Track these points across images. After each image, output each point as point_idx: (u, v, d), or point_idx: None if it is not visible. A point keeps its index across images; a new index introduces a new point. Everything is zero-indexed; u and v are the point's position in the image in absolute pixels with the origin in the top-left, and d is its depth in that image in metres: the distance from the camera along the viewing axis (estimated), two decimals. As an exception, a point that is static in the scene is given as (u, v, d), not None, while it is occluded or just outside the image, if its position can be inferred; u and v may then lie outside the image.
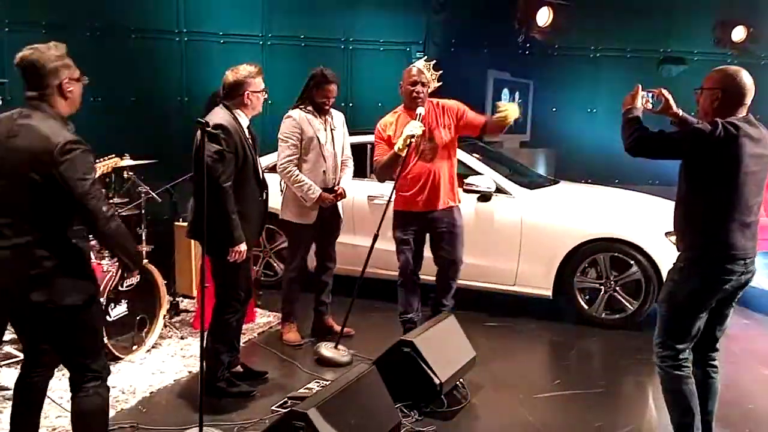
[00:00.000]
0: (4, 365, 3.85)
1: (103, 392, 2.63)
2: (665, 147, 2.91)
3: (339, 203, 4.58)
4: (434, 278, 4.43)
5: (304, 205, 4.39)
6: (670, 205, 5.37)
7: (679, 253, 3.01)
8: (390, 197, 4.26)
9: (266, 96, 3.74)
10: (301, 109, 4.40)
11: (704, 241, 2.90)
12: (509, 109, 4.10)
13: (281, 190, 4.59)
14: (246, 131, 3.63)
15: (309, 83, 4.40)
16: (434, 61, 4.33)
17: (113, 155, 4.34)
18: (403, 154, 4.09)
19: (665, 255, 4.82)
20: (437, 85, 4.30)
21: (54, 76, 2.49)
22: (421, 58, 4.47)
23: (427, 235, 4.35)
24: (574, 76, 8.66)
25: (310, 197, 4.34)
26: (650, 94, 3.11)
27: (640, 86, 3.08)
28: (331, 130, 4.47)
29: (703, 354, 3.10)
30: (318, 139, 4.38)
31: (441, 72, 4.34)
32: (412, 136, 4.05)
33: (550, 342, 4.91)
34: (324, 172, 4.40)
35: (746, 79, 2.88)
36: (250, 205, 3.64)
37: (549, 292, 5.09)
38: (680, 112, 3.15)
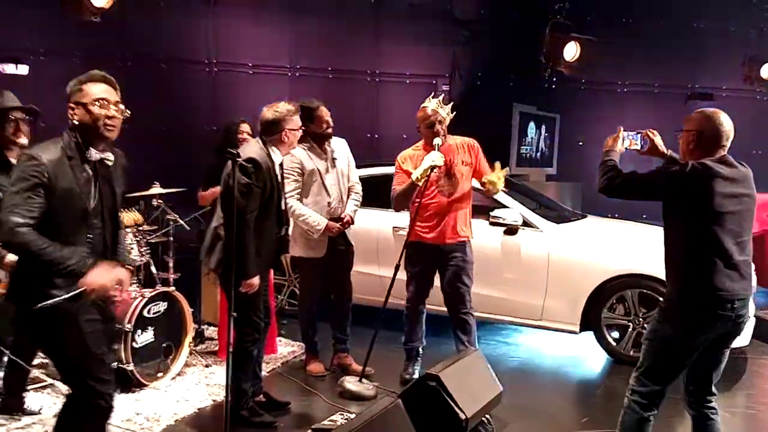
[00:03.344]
0: (31, 389, 3.87)
1: None
2: (637, 189, 2.98)
3: (348, 232, 4.56)
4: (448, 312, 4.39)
5: (311, 238, 4.39)
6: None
7: (665, 294, 3.01)
8: (411, 228, 4.28)
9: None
10: (300, 146, 4.33)
11: (684, 283, 2.90)
12: (496, 181, 4.19)
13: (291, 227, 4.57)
14: (277, 168, 3.69)
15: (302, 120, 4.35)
16: (442, 95, 4.38)
17: (156, 186, 4.45)
18: (420, 184, 4.13)
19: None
20: (451, 116, 4.32)
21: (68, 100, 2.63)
22: (432, 95, 4.48)
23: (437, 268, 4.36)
24: (601, 110, 8.66)
25: (316, 229, 4.34)
26: (637, 135, 3.16)
27: (621, 128, 3.15)
28: (332, 159, 4.48)
29: (699, 397, 3.03)
30: (319, 172, 4.39)
31: (452, 103, 4.37)
32: (433, 167, 4.07)
33: (577, 378, 4.83)
34: (329, 203, 4.41)
35: (724, 121, 2.90)
36: (266, 240, 3.69)
37: (576, 328, 5.02)
38: (668, 152, 3.17)
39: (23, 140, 3.45)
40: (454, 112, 4.34)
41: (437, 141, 4.16)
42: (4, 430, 3.52)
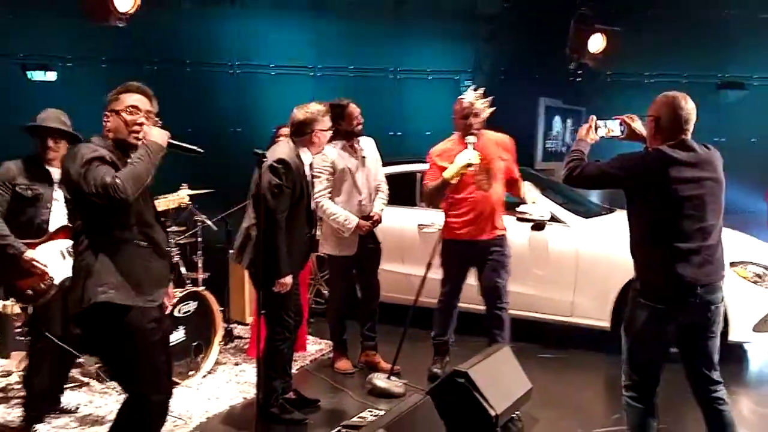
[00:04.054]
0: (67, 388, 3.94)
1: None
2: (595, 179, 2.98)
3: (377, 230, 4.57)
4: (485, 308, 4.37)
5: (342, 237, 4.40)
6: (732, 235, 5.28)
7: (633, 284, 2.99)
8: (442, 226, 4.26)
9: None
10: (331, 146, 4.36)
11: (645, 271, 2.89)
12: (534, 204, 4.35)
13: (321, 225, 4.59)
14: (307, 168, 3.71)
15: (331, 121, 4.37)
16: (482, 89, 4.31)
17: (184, 188, 4.49)
18: (453, 182, 4.09)
19: (729, 286, 4.63)
20: (489, 111, 4.27)
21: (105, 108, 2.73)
22: (468, 88, 4.45)
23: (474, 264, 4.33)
24: (628, 102, 8.51)
25: (348, 227, 4.35)
26: (616, 122, 3.13)
27: (594, 117, 3.15)
28: (362, 158, 4.49)
29: (701, 388, 2.99)
30: (350, 170, 4.40)
31: (491, 98, 4.31)
32: (468, 165, 4.03)
33: (607, 375, 4.76)
34: (359, 201, 4.42)
35: (683, 104, 2.85)
36: (297, 240, 3.73)
37: (607, 324, 4.95)
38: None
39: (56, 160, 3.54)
40: (493, 108, 4.27)
41: (471, 139, 4.10)
42: (42, 427, 3.58)
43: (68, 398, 3.86)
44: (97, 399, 4.00)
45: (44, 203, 3.52)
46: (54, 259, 3.46)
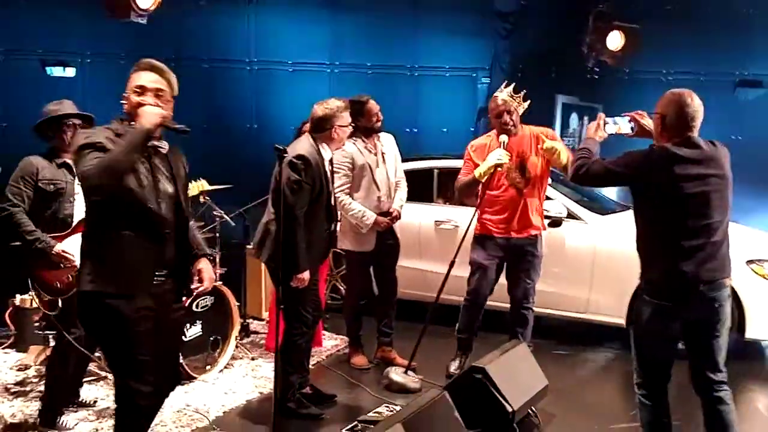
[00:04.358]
0: (85, 382, 3.98)
1: None
2: (601, 177, 2.98)
3: (396, 226, 4.56)
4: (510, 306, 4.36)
5: (360, 232, 4.41)
6: (749, 232, 5.24)
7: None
8: (470, 223, 4.23)
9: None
10: (351, 141, 4.37)
11: (650, 268, 2.89)
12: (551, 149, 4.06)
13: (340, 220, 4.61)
14: (327, 164, 3.72)
15: (351, 117, 4.32)
16: (513, 84, 4.23)
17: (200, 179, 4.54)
18: (483, 180, 4.08)
19: (746, 283, 4.63)
20: (525, 106, 4.20)
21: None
22: (491, 83, 4.42)
23: (505, 262, 4.30)
24: (646, 99, 8.44)
25: (366, 223, 4.36)
26: (626, 119, 3.13)
27: (602, 114, 3.15)
28: (382, 154, 4.49)
29: (703, 385, 2.95)
30: (369, 166, 4.40)
31: (524, 92, 4.22)
32: (498, 165, 4.02)
33: (623, 372, 4.73)
34: (378, 198, 4.42)
35: (688, 102, 2.83)
36: (317, 236, 3.74)
37: (623, 321, 4.93)
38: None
39: None
40: (528, 101, 4.20)
41: (503, 138, 4.08)
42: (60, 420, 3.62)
43: (86, 392, 3.90)
44: (98, 391, 4.03)
45: (67, 197, 3.53)
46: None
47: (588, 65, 7.69)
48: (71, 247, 3.46)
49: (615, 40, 7.42)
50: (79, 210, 3.56)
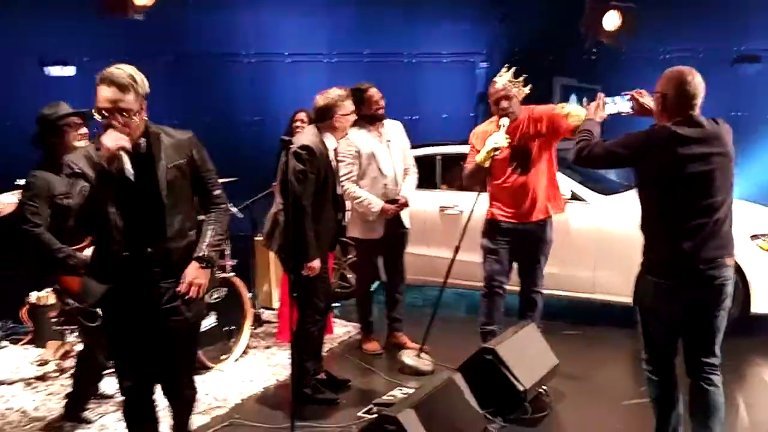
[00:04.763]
0: (105, 374, 4.05)
1: None
2: (603, 158, 2.96)
3: (405, 214, 4.59)
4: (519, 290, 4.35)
5: (368, 220, 4.45)
6: (753, 208, 5.29)
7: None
8: (472, 208, 4.19)
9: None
10: (355, 130, 4.36)
11: (652, 247, 2.90)
12: (573, 110, 3.97)
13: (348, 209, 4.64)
14: (332, 153, 3.77)
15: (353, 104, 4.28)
16: (513, 69, 4.15)
17: None
18: (486, 165, 4.02)
19: (750, 259, 4.69)
20: (526, 91, 4.11)
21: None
22: (489, 67, 4.41)
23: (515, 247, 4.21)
24: (644, 79, 8.44)
25: (372, 211, 4.40)
26: (625, 98, 3.11)
27: (602, 94, 3.13)
28: (387, 142, 4.52)
29: (694, 365, 2.93)
30: (374, 154, 4.43)
31: (525, 77, 4.14)
32: (496, 149, 3.94)
33: (632, 350, 4.78)
34: (385, 185, 4.46)
35: (689, 80, 2.81)
36: (325, 225, 3.79)
37: (629, 299, 4.97)
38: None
39: (83, 143, 3.58)
40: (529, 85, 4.11)
41: (503, 122, 3.99)
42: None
43: (106, 384, 3.97)
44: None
45: None
46: None
47: (585, 46, 7.70)
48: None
49: (612, 20, 7.43)
50: None
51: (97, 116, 2.56)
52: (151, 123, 2.68)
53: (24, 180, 3.55)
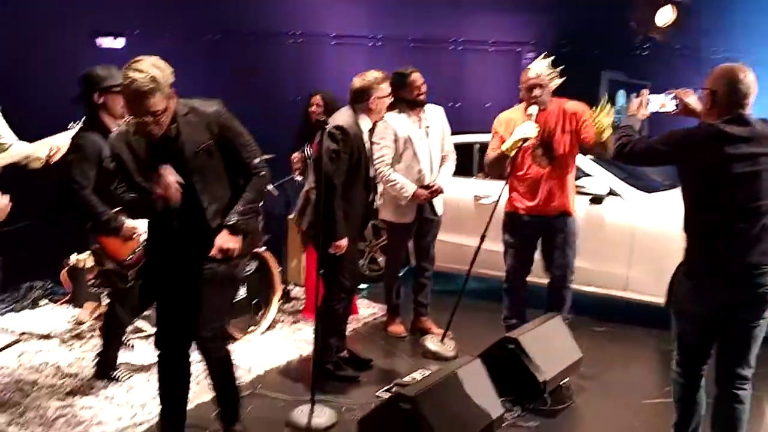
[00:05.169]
0: (136, 338, 4.19)
1: None
2: (645, 155, 2.90)
3: (439, 201, 4.59)
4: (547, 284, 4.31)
5: (400, 204, 4.46)
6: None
7: None
8: (498, 198, 4.20)
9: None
10: (395, 113, 4.40)
11: (693, 248, 2.81)
12: (605, 122, 3.87)
13: (381, 192, 4.66)
14: (366, 135, 3.80)
15: (393, 89, 4.21)
16: (552, 58, 4.10)
17: None
18: (511, 155, 3.98)
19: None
20: (558, 82, 4.05)
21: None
22: (532, 58, 4.35)
23: (539, 240, 4.18)
24: (696, 76, 8.24)
25: (404, 195, 4.40)
26: (669, 96, 3.03)
27: (646, 92, 3.05)
28: (426, 127, 4.50)
29: (725, 377, 2.84)
30: (411, 139, 4.43)
31: (561, 67, 4.08)
32: (525, 139, 3.89)
33: (660, 350, 4.74)
34: (419, 170, 4.45)
35: (741, 77, 2.70)
36: (355, 205, 3.83)
37: (662, 300, 4.92)
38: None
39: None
40: (563, 78, 4.04)
41: (532, 110, 3.92)
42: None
43: (138, 348, 4.11)
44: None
45: None
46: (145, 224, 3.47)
47: (636, 41, 7.53)
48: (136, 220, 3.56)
49: (664, 16, 7.26)
50: None
51: (126, 120, 2.74)
52: (179, 102, 2.75)
53: (75, 122, 3.65)
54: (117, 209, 3.51)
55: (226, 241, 2.79)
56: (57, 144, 3.63)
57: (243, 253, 2.90)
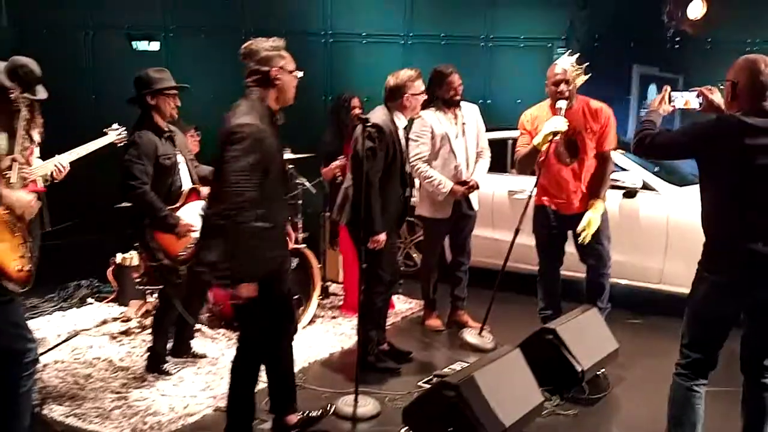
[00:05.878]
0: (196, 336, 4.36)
1: None
2: (665, 148, 2.87)
3: (475, 197, 4.66)
4: (584, 275, 4.38)
5: (437, 200, 4.54)
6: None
7: None
8: (531, 192, 4.28)
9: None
10: (431, 110, 4.49)
11: (713, 243, 2.75)
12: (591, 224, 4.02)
13: (418, 188, 4.74)
14: (401, 132, 3.89)
15: (431, 86, 4.41)
16: (578, 55, 4.18)
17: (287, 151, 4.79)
18: (542, 149, 4.04)
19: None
20: (585, 78, 4.14)
21: (265, 64, 2.79)
22: (562, 55, 4.41)
23: (570, 232, 4.25)
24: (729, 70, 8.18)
25: (441, 191, 4.48)
26: (693, 93, 3.02)
27: (668, 87, 3.04)
28: (462, 124, 4.57)
29: (753, 368, 2.84)
30: (448, 136, 4.50)
31: (587, 64, 4.17)
32: (555, 133, 3.96)
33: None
34: (456, 167, 4.52)
35: (764, 68, 2.65)
36: (391, 201, 3.92)
37: (697, 292, 4.92)
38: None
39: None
40: (589, 74, 4.11)
41: (561, 104, 4.00)
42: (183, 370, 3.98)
43: (197, 345, 4.25)
44: (209, 345, 4.38)
45: (178, 168, 3.76)
46: (197, 220, 3.58)
47: (668, 35, 7.49)
48: (189, 216, 3.70)
49: (696, 9, 7.22)
50: (186, 180, 3.81)
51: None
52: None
53: (114, 126, 3.79)
54: (171, 207, 3.65)
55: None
56: (62, 163, 3.59)
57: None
